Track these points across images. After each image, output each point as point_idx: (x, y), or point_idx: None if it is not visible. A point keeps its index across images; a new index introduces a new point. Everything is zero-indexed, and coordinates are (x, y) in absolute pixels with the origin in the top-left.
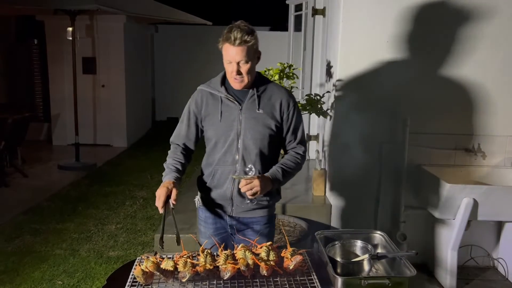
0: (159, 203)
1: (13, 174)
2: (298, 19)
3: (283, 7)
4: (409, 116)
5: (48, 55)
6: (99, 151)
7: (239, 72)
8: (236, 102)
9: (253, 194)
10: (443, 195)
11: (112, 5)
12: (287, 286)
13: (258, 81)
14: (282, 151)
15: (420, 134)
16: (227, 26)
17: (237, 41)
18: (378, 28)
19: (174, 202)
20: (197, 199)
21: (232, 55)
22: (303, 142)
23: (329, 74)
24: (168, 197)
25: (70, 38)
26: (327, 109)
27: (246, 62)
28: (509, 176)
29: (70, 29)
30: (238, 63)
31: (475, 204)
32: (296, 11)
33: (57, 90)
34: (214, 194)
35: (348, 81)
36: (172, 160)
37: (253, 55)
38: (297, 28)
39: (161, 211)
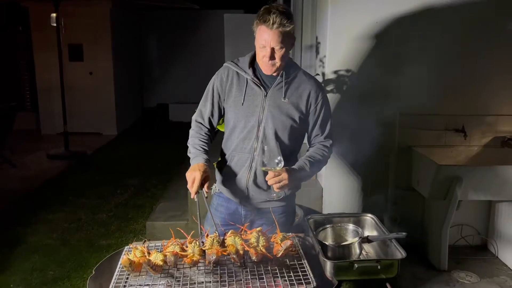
0: (193, 188)
1: (1, 164)
2: None
3: None
4: (399, 97)
5: (34, 43)
6: (88, 139)
7: (272, 57)
8: (261, 87)
9: (280, 188)
10: (433, 176)
11: None
12: (277, 271)
13: (288, 67)
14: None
15: (410, 115)
16: (262, 7)
17: (275, 25)
18: (368, 8)
19: (207, 191)
20: (215, 185)
21: (267, 39)
22: (331, 136)
23: (318, 53)
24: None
25: (55, 25)
26: None
27: (281, 48)
28: (498, 155)
29: (54, 15)
30: (272, 49)
31: (466, 184)
32: None
33: (44, 78)
34: (229, 182)
35: (337, 61)
36: (199, 141)
37: (288, 41)
38: None
39: (193, 196)
